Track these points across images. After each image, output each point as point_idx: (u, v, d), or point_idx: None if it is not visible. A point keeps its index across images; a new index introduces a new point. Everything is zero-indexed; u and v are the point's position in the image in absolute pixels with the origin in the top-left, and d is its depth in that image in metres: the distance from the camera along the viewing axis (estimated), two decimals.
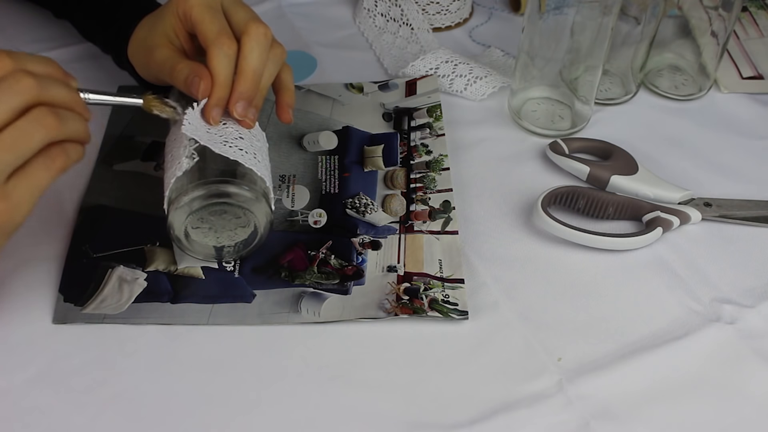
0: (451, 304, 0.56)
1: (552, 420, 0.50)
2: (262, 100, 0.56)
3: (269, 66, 0.55)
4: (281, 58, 0.56)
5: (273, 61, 0.55)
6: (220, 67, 0.52)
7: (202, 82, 0.52)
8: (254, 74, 0.53)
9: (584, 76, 0.68)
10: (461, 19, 0.84)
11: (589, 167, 0.65)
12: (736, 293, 0.58)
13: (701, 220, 0.63)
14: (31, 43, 0.77)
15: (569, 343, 0.53)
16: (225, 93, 0.53)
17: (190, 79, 0.53)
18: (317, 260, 0.59)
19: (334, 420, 0.50)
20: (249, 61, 0.53)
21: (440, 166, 0.66)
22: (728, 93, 0.76)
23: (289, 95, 0.59)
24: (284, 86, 0.59)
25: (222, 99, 0.53)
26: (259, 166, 0.54)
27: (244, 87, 0.53)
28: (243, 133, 0.54)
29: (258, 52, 0.53)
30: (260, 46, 0.53)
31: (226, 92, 0.53)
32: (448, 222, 0.61)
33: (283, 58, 0.57)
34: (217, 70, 0.52)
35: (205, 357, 0.53)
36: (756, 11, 0.86)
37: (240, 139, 0.53)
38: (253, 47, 0.53)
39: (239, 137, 0.53)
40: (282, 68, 0.58)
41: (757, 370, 0.53)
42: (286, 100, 0.59)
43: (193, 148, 0.52)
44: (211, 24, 0.53)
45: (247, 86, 0.53)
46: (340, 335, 0.55)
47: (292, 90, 0.59)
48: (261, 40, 0.53)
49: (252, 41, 0.53)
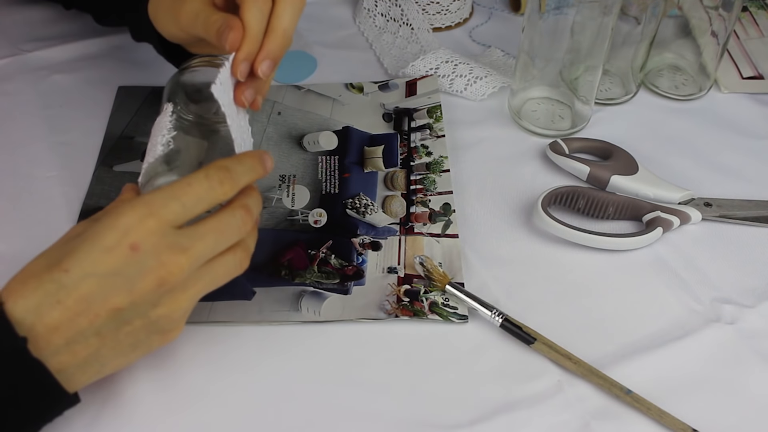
0: (451, 307, 0.56)
1: (552, 420, 0.50)
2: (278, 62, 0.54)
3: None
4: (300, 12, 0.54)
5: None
6: (253, 21, 0.51)
7: (232, 32, 0.50)
8: (285, 34, 0.52)
9: (584, 76, 0.68)
10: (461, 19, 0.84)
11: (589, 167, 0.65)
12: (736, 293, 0.58)
13: (701, 220, 0.63)
14: (32, 43, 0.77)
15: (569, 343, 0.53)
16: (254, 47, 0.51)
17: (222, 29, 0.51)
18: (317, 259, 0.59)
19: (334, 420, 0.50)
20: (282, 20, 0.51)
21: (440, 168, 0.66)
22: (728, 93, 0.76)
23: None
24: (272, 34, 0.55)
25: (251, 53, 0.51)
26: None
27: (273, 45, 0.51)
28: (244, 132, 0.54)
29: (291, 13, 0.52)
30: (294, 7, 0.52)
31: (255, 47, 0.51)
32: (449, 225, 0.61)
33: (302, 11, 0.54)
34: (251, 24, 0.51)
35: (205, 356, 0.53)
36: (756, 11, 0.86)
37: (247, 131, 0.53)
38: (287, 7, 0.51)
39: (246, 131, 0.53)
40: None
41: (757, 370, 0.53)
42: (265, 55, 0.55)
43: (171, 137, 0.52)
44: None
45: (277, 45, 0.52)
46: (340, 335, 0.55)
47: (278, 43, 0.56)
48: (296, 1, 0.52)
49: (284, 3, 0.51)
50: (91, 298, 0.42)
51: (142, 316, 0.44)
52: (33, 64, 0.75)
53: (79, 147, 0.67)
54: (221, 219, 0.46)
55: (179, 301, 0.45)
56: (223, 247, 0.46)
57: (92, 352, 0.44)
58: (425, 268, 0.57)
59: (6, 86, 0.73)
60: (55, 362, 0.43)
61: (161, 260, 0.43)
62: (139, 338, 0.45)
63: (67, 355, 0.43)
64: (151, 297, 0.44)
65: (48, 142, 0.68)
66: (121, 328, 0.44)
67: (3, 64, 0.75)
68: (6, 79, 0.74)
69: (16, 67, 0.75)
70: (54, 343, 0.42)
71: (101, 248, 0.42)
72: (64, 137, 0.68)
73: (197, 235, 0.45)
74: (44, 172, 0.65)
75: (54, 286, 0.42)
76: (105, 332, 0.43)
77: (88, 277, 0.42)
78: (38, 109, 0.71)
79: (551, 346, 0.53)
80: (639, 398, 0.50)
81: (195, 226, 0.45)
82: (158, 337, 0.46)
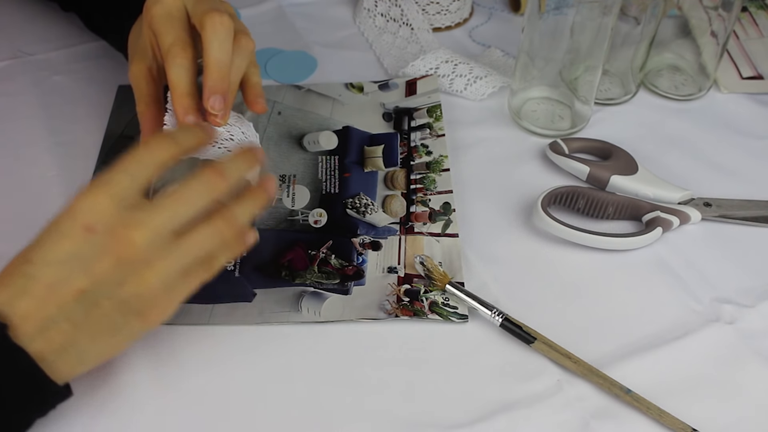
0: (451, 307, 0.56)
1: (552, 419, 0.50)
2: (233, 98, 0.54)
3: (235, 59, 0.53)
4: (248, 51, 0.54)
5: (239, 55, 0.53)
6: (176, 79, 0.51)
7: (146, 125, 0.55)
8: (218, 65, 0.51)
9: (584, 76, 0.69)
10: (461, 19, 0.84)
11: (589, 167, 0.65)
12: (736, 293, 0.58)
13: (701, 220, 0.63)
14: (32, 44, 0.78)
15: (569, 343, 0.53)
16: (187, 102, 0.52)
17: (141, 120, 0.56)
18: (318, 260, 0.59)
19: (333, 420, 0.50)
20: (210, 53, 0.51)
21: (440, 167, 0.66)
22: (728, 93, 0.76)
23: (256, 89, 0.57)
24: (248, 82, 0.57)
25: (186, 108, 0.51)
26: None
27: (211, 81, 0.51)
28: (234, 134, 0.54)
29: (218, 42, 0.51)
30: (219, 36, 0.51)
31: (187, 101, 0.52)
32: (449, 224, 0.61)
33: (249, 50, 0.54)
34: (174, 83, 0.51)
35: (205, 357, 0.53)
36: (756, 11, 0.86)
37: (230, 140, 0.53)
38: (212, 39, 0.51)
39: (229, 138, 0.53)
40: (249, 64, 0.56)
41: (757, 370, 0.53)
42: (255, 93, 0.57)
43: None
44: (165, 36, 0.52)
45: (214, 78, 0.51)
46: (340, 335, 0.55)
47: (258, 84, 0.57)
48: (218, 29, 0.51)
49: (209, 33, 0.51)
50: (55, 284, 0.43)
51: (109, 296, 0.44)
52: (33, 64, 0.76)
53: (79, 147, 0.67)
54: (183, 185, 0.45)
55: (146, 277, 0.44)
56: (186, 215, 0.45)
57: (68, 339, 0.44)
58: (425, 268, 0.57)
59: (6, 87, 0.73)
60: (33, 350, 0.43)
61: (115, 237, 0.43)
62: (115, 321, 0.44)
63: (43, 342, 0.43)
64: (114, 276, 0.43)
65: (48, 142, 0.68)
66: (91, 311, 0.44)
67: (3, 65, 0.75)
68: (6, 79, 0.74)
69: (17, 67, 0.75)
70: (27, 331, 0.43)
71: (59, 234, 0.44)
72: (64, 137, 0.68)
73: (154, 206, 0.44)
74: (44, 172, 0.65)
75: (22, 278, 0.43)
76: (75, 317, 0.44)
77: (49, 264, 0.43)
78: (38, 109, 0.71)
79: (551, 345, 0.53)
80: (639, 398, 0.50)
81: (155, 197, 0.45)
82: (137, 320, 0.45)
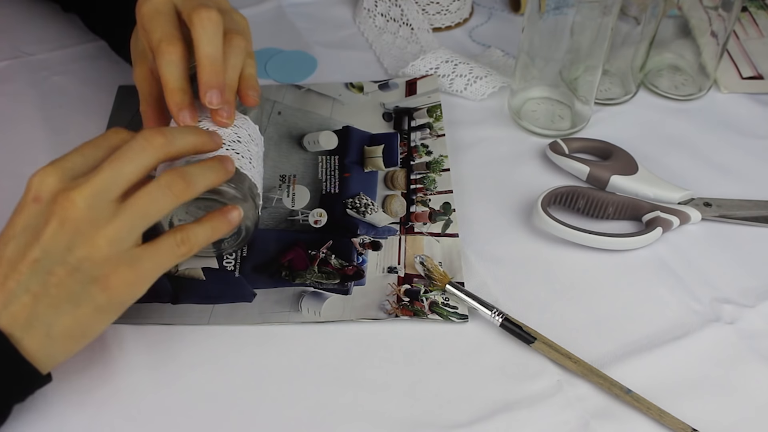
0: (451, 307, 0.56)
1: (552, 420, 0.50)
2: (233, 95, 0.54)
3: (230, 58, 0.53)
4: (241, 49, 0.53)
5: (234, 54, 0.53)
6: (167, 75, 0.51)
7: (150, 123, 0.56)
8: (210, 60, 0.51)
9: (584, 76, 0.69)
10: (461, 19, 0.84)
11: (589, 167, 0.65)
12: (736, 293, 0.58)
13: (701, 220, 0.63)
14: (32, 44, 0.78)
15: (569, 343, 0.53)
16: (179, 97, 0.52)
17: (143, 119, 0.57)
18: (318, 260, 0.59)
19: (334, 420, 0.50)
20: (200, 49, 0.51)
21: (440, 167, 0.66)
22: (728, 93, 0.76)
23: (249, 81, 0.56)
24: (242, 74, 0.56)
25: (178, 104, 0.52)
26: (253, 172, 0.53)
27: (205, 76, 0.51)
28: (241, 136, 0.54)
29: (207, 38, 0.51)
30: (207, 32, 0.51)
31: (179, 96, 0.52)
32: (449, 224, 0.61)
33: (242, 47, 0.53)
34: (165, 78, 0.51)
35: (206, 357, 0.53)
36: (756, 11, 0.86)
37: (237, 142, 0.53)
38: (201, 35, 0.51)
39: (236, 140, 0.53)
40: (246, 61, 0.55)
41: (757, 370, 0.53)
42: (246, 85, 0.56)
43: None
44: (154, 33, 0.52)
45: (208, 73, 0.51)
46: (340, 335, 0.55)
47: (252, 76, 0.56)
48: (206, 24, 0.50)
49: (198, 29, 0.51)
50: (13, 258, 0.45)
51: (60, 262, 0.44)
52: (33, 65, 0.76)
53: None
54: (121, 148, 0.46)
55: (94, 240, 0.44)
56: (126, 176, 0.45)
57: (30, 312, 0.44)
58: (425, 268, 0.57)
59: (6, 87, 0.73)
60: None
61: (57, 201, 0.44)
62: (74, 290, 0.45)
63: (8, 318, 0.44)
64: (62, 240, 0.44)
65: (48, 142, 0.68)
66: (48, 280, 0.44)
67: (3, 65, 0.75)
68: (6, 80, 0.74)
69: (16, 67, 0.75)
70: None
71: (15, 212, 0.46)
72: (64, 137, 0.68)
73: (94, 171, 0.45)
74: None
75: None
76: (34, 288, 0.44)
77: (9, 241, 0.45)
78: (38, 109, 0.71)
79: (551, 345, 0.53)
80: (639, 398, 0.50)
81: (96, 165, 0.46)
82: (96, 288, 0.45)
